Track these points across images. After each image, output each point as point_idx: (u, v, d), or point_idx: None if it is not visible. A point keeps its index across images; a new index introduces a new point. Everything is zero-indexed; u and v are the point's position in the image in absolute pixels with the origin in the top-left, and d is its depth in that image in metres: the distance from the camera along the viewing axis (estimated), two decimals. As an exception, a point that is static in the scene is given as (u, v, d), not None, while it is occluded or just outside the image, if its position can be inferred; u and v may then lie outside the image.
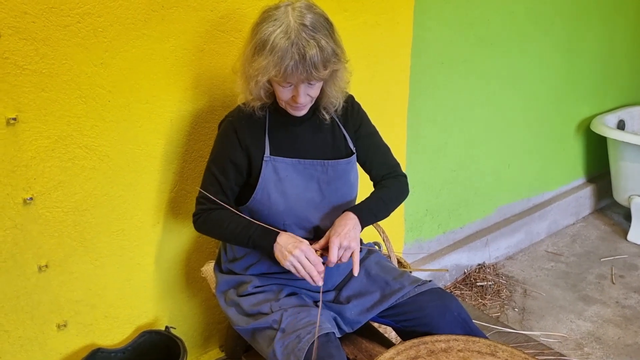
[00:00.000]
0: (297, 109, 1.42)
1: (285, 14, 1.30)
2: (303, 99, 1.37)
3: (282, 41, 1.27)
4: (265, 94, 1.42)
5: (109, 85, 1.49)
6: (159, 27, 1.53)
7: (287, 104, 1.41)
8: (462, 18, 2.36)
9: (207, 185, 1.49)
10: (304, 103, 1.40)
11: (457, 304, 1.50)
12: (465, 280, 2.75)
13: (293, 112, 1.43)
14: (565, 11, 2.84)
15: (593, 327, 2.42)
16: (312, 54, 1.27)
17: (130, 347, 1.68)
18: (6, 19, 1.30)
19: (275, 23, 1.30)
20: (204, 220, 1.48)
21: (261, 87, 1.39)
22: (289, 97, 1.38)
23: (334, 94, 1.45)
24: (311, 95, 1.39)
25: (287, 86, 1.35)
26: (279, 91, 1.38)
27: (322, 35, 1.30)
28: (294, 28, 1.28)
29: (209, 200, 1.47)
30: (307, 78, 1.31)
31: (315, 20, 1.30)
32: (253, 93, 1.41)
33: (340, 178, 1.52)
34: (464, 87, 2.50)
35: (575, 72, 3.06)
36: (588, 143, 3.36)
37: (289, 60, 1.27)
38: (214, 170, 1.48)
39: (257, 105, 1.44)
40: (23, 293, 1.51)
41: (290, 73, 1.29)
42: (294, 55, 1.27)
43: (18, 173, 1.42)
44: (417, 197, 2.49)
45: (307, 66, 1.28)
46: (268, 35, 1.29)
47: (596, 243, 3.13)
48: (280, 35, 1.28)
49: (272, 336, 1.38)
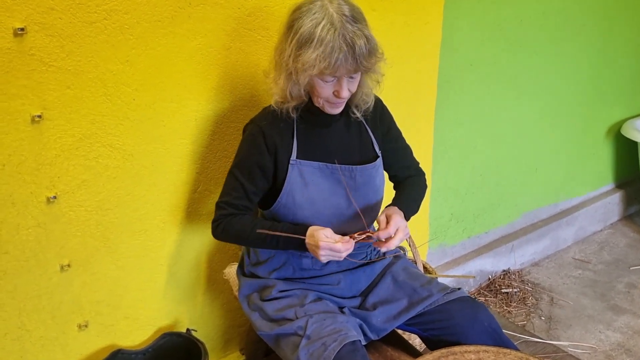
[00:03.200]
0: (335, 105, 1.39)
1: (323, 7, 1.28)
2: (346, 92, 1.34)
3: (329, 33, 1.25)
4: (304, 93, 1.39)
5: (134, 83, 1.47)
6: (186, 24, 1.51)
7: (326, 101, 1.38)
8: (492, 19, 2.31)
9: (230, 190, 1.44)
10: (346, 98, 1.37)
11: (487, 313, 1.46)
12: (490, 287, 2.70)
13: (331, 109, 1.40)
14: (597, 13, 2.76)
15: (623, 338, 2.35)
16: (360, 43, 1.26)
17: (150, 349, 1.67)
18: (33, 15, 1.29)
19: (315, 16, 1.27)
20: (224, 227, 1.43)
21: (301, 83, 1.35)
22: (331, 92, 1.35)
23: (368, 90, 1.44)
24: (351, 90, 1.37)
25: (330, 80, 1.33)
26: (320, 87, 1.34)
27: (364, 26, 1.29)
28: (337, 19, 1.26)
29: (230, 205, 1.43)
30: (356, 69, 1.30)
31: (355, 12, 1.29)
32: (294, 91, 1.37)
33: (367, 184, 1.49)
34: (492, 90, 2.45)
35: (606, 75, 2.98)
36: (618, 147, 3.28)
37: (338, 52, 1.26)
38: (238, 175, 1.43)
39: (292, 105, 1.41)
40: (45, 292, 1.50)
41: (340, 65, 1.27)
42: (342, 46, 1.25)
43: (42, 171, 1.40)
44: (442, 202, 2.45)
45: (357, 56, 1.27)
46: (312, 28, 1.27)
47: (625, 251, 3.04)
48: (327, 27, 1.26)
49: (297, 343, 1.35)
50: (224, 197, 1.45)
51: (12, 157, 1.36)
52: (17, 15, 1.27)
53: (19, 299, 1.46)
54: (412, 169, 1.64)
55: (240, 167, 1.44)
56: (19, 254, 1.43)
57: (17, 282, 1.45)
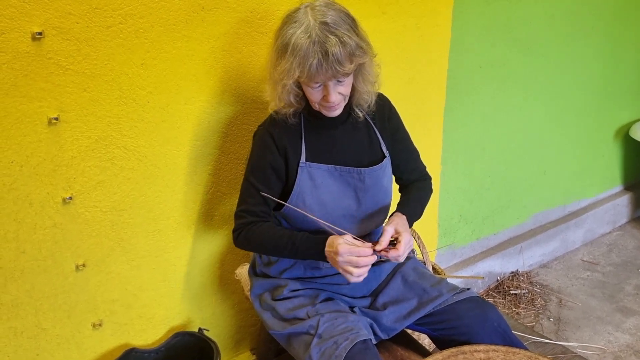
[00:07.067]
0: (330, 108, 1.39)
1: (305, 15, 1.28)
2: (334, 97, 1.34)
3: (302, 41, 1.26)
4: (295, 99, 1.40)
5: (149, 86, 1.50)
6: (199, 28, 1.53)
7: (320, 105, 1.39)
8: (501, 21, 2.32)
9: (246, 197, 1.45)
10: (337, 102, 1.36)
11: (497, 314, 1.47)
12: (498, 288, 2.70)
13: (327, 112, 1.40)
14: (607, 15, 2.77)
15: (632, 340, 2.35)
16: (334, 50, 1.25)
17: (163, 348, 1.69)
18: (51, 19, 1.31)
19: (295, 25, 1.28)
20: (245, 236, 1.43)
21: (290, 91, 1.37)
22: (320, 97, 1.36)
23: (365, 89, 1.42)
24: (342, 93, 1.36)
25: (316, 86, 1.33)
26: (309, 93, 1.36)
27: (343, 31, 1.27)
28: (313, 27, 1.26)
29: (249, 212, 1.44)
30: (333, 75, 1.29)
31: (336, 17, 1.28)
32: (283, 99, 1.39)
33: (375, 185, 1.50)
34: (502, 92, 2.46)
35: (615, 77, 2.98)
36: (626, 150, 3.27)
37: (312, 59, 1.26)
38: (253, 181, 1.44)
39: (290, 111, 1.42)
40: (61, 292, 1.52)
41: (315, 72, 1.27)
42: (316, 53, 1.25)
43: (59, 172, 1.43)
44: (451, 203, 2.46)
45: (331, 63, 1.26)
46: (289, 37, 1.28)
47: (634, 253, 3.04)
48: (301, 35, 1.26)
49: (309, 342, 1.36)
50: (241, 205, 1.46)
51: (30, 159, 1.38)
52: (36, 20, 1.30)
53: (36, 298, 1.49)
54: (418, 173, 1.63)
55: (254, 172, 1.45)
56: (36, 253, 1.46)
57: (34, 282, 1.47)
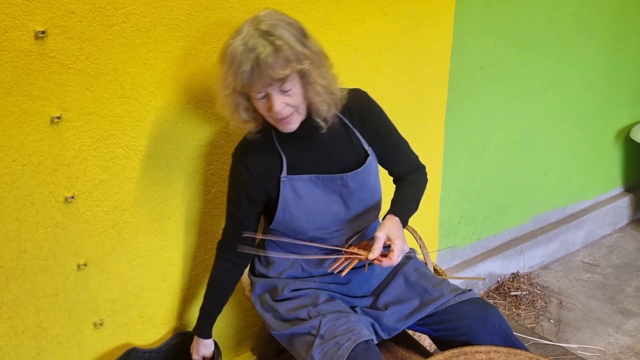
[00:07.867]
0: (281, 122, 1.33)
1: (247, 25, 1.27)
2: (278, 106, 1.29)
3: (238, 49, 1.24)
4: (248, 114, 1.37)
5: (151, 85, 1.50)
6: (202, 28, 1.53)
7: (274, 120, 1.35)
8: (502, 22, 2.32)
9: (226, 219, 1.54)
10: (284, 113, 1.31)
11: (498, 315, 1.47)
12: (499, 289, 2.70)
13: (282, 127, 1.35)
14: (608, 16, 2.77)
15: (632, 342, 2.35)
16: (265, 55, 1.22)
17: (164, 348, 1.69)
18: (54, 18, 1.31)
19: (235, 35, 1.27)
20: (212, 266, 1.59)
21: (238, 104, 1.34)
22: (266, 108, 1.31)
23: (317, 99, 1.34)
24: (290, 103, 1.30)
25: (259, 97, 1.30)
26: (257, 105, 1.33)
27: (279, 36, 1.24)
28: (252, 35, 1.24)
29: (224, 235, 1.55)
30: (269, 83, 1.25)
31: (275, 24, 1.25)
32: (234, 116, 1.37)
33: (362, 187, 1.48)
34: (503, 93, 2.46)
35: (616, 79, 2.99)
36: (627, 151, 3.28)
37: (245, 66, 1.23)
38: (231, 207, 1.51)
39: (252, 128, 1.41)
40: (62, 291, 1.52)
41: (250, 79, 1.24)
42: (248, 60, 1.23)
43: (60, 171, 1.43)
44: (452, 204, 2.46)
45: (263, 68, 1.23)
46: (227, 47, 1.27)
47: (634, 254, 3.04)
48: (238, 43, 1.24)
49: (311, 342, 1.36)
50: (224, 229, 1.56)
51: (32, 158, 1.38)
52: (39, 19, 1.30)
53: (37, 297, 1.49)
54: (410, 164, 1.57)
55: (230, 199, 1.52)
56: (37, 252, 1.45)
57: (35, 281, 1.47)
